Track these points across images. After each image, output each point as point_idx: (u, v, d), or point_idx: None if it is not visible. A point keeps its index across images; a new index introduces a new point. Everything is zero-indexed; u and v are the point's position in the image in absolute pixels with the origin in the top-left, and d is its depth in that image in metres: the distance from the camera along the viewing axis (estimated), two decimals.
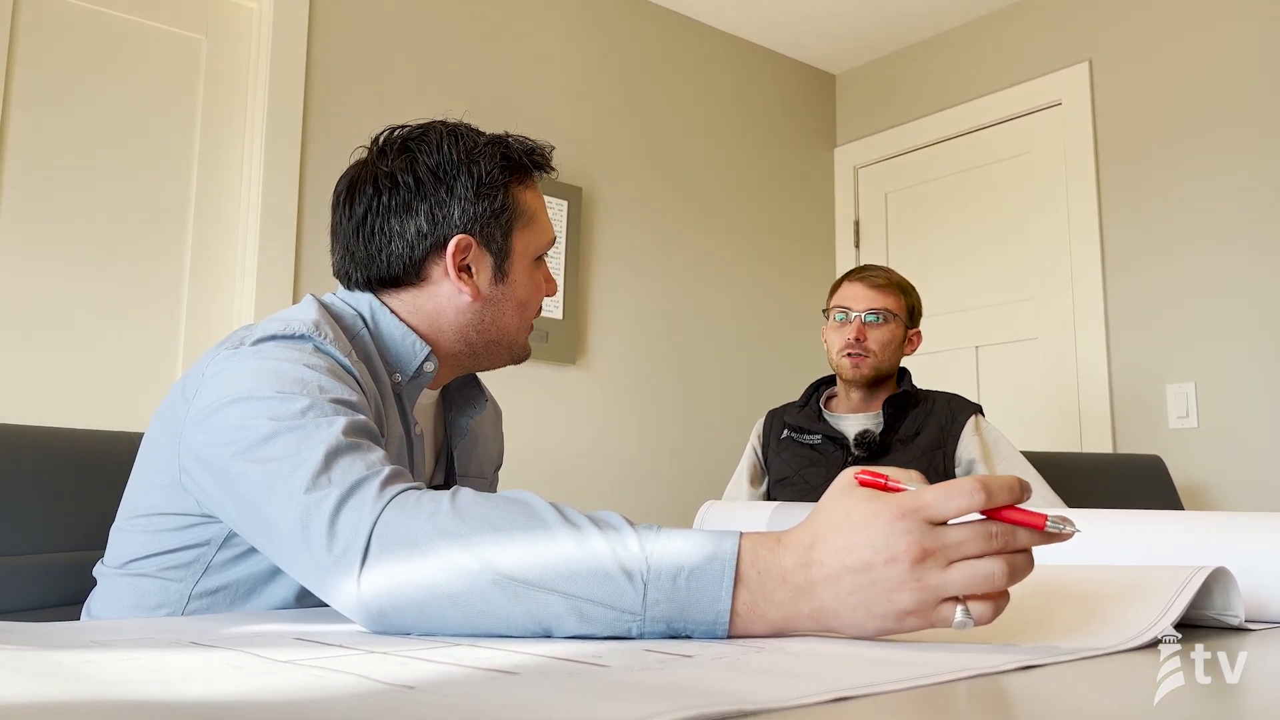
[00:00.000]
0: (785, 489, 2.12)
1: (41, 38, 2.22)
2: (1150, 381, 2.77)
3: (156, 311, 2.31)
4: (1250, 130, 2.65)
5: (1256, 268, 2.61)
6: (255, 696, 0.46)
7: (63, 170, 2.22)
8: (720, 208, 3.30)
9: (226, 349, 0.95)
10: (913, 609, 0.62)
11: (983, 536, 0.62)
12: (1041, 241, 3.07)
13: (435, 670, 0.53)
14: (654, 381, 3.06)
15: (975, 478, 0.62)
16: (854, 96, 3.66)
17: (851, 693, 0.46)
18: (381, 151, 1.09)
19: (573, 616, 0.66)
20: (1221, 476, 2.62)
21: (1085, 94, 2.98)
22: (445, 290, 1.08)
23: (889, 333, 2.09)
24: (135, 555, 0.98)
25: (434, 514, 0.72)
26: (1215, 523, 0.83)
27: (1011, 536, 0.62)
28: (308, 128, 2.49)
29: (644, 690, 0.47)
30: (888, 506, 0.63)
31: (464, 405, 1.21)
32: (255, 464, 0.81)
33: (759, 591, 0.65)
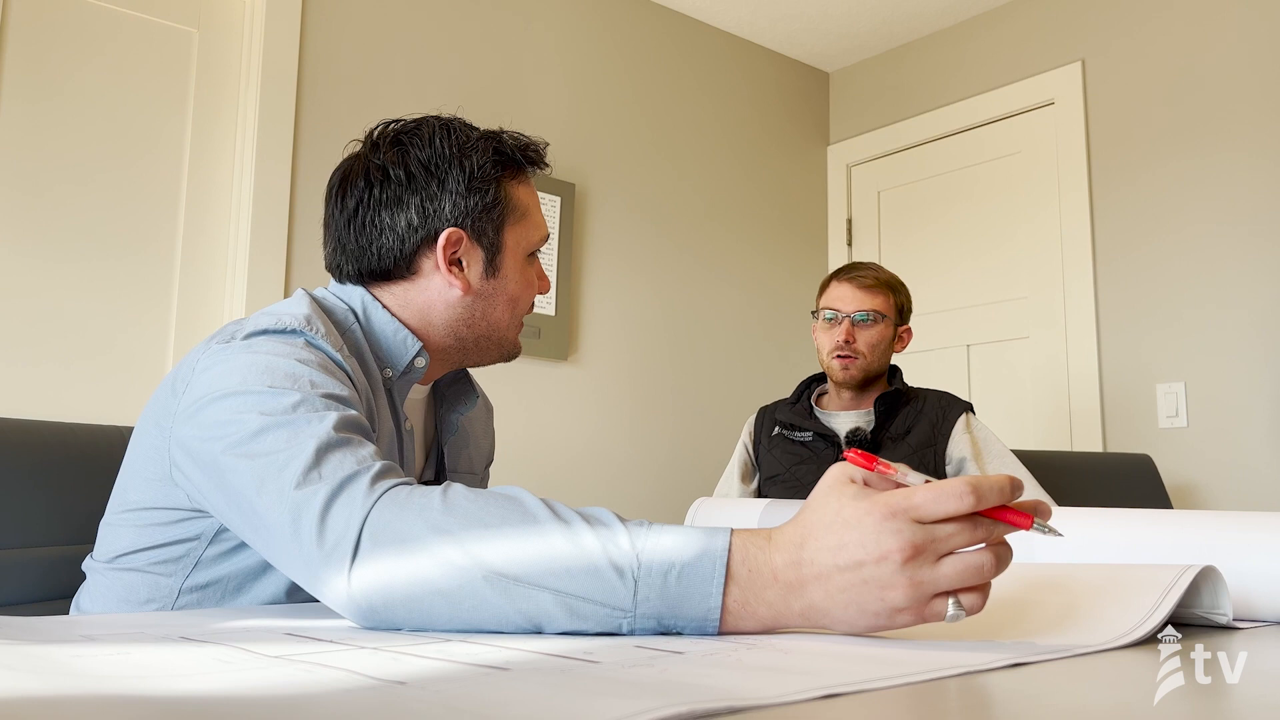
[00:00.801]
0: (776, 486, 2.12)
1: (32, 30, 2.20)
2: (1140, 381, 2.78)
3: (147, 304, 2.30)
4: (1242, 131, 2.66)
5: (1247, 268, 2.62)
6: (245, 692, 0.46)
7: (54, 163, 2.21)
8: (713, 205, 3.30)
9: (217, 343, 0.94)
10: (905, 606, 0.62)
11: (969, 528, 0.62)
12: (1033, 241, 3.08)
13: (426, 666, 0.53)
14: (646, 378, 3.06)
15: (965, 479, 0.62)
16: (847, 94, 3.66)
17: (842, 689, 0.46)
18: (374, 145, 1.09)
19: (563, 613, 0.66)
20: (1210, 476, 2.63)
21: (1078, 94, 2.99)
22: (436, 284, 1.08)
23: (879, 333, 2.09)
24: (124, 550, 0.98)
25: (425, 509, 0.72)
26: (1203, 521, 0.84)
27: (996, 526, 0.63)
28: (300, 121, 2.48)
29: (635, 687, 0.47)
30: (877, 505, 0.63)
31: (455, 401, 1.21)
32: (246, 459, 0.81)
33: (749, 589, 0.65)
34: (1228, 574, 0.71)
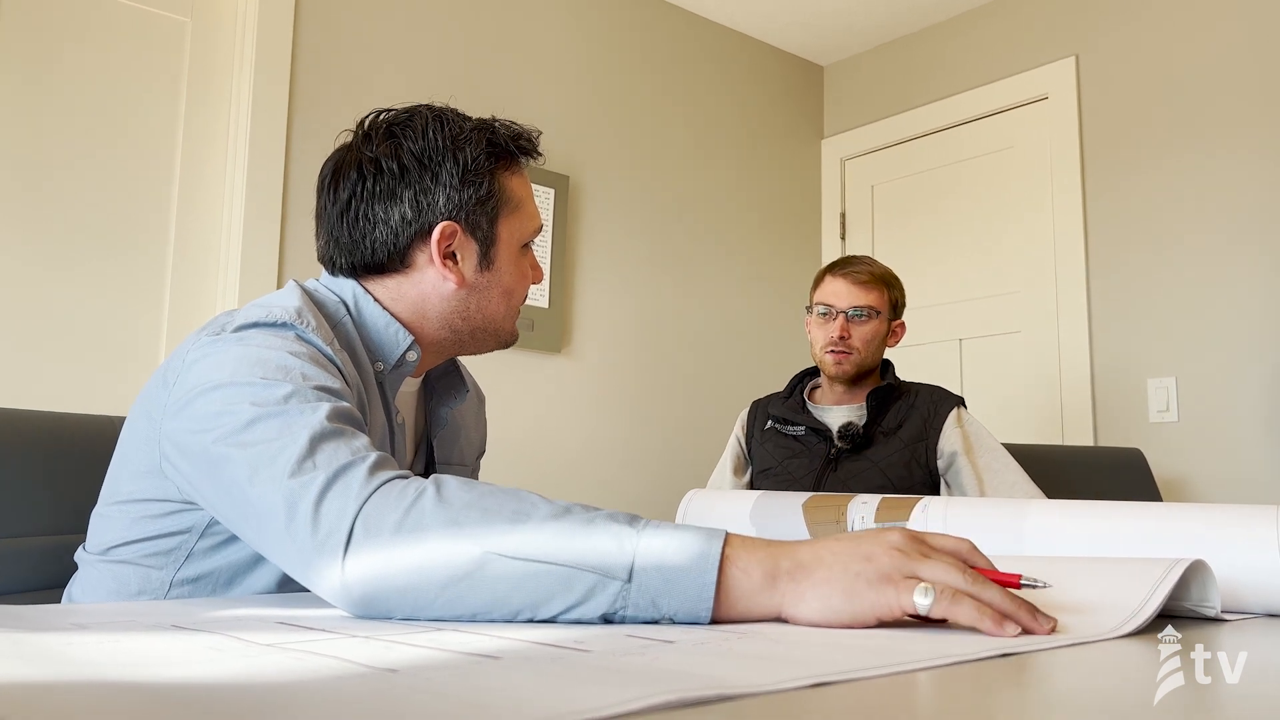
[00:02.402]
0: (768, 479, 2.12)
1: (25, 18, 2.19)
2: (1131, 375, 2.79)
3: (139, 295, 2.29)
4: (1236, 127, 2.67)
5: (1239, 264, 2.63)
6: (237, 679, 0.46)
7: (45, 152, 2.20)
8: (707, 197, 3.30)
9: (208, 335, 0.94)
10: (886, 571, 0.65)
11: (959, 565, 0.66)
12: (1026, 235, 3.08)
13: (418, 654, 0.53)
14: (639, 371, 3.06)
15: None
16: (842, 88, 3.66)
17: (831, 678, 0.46)
18: (366, 136, 1.08)
19: (559, 587, 0.67)
20: (1201, 470, 2.64)
21: (1071, 89, 3.00)
22: (430, 277, 1.08)
23: (872, 329, 2.09)
24: (116, 541, 0.98)
25: (418, 499, 0.73)
26: (1193, 515, 0.84)
27: (984, 583, 0.65)
28: (293, 111, 2.47)
29: (626, 675, 0.47)
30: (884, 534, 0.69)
31: (444, 395, 1.20)
32: (237, 449, 0.81)
33: (745, 550, 0.68)
34: (1215, 566, 0.72)
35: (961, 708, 0.44)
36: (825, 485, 2.03)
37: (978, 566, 0.67)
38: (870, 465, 2.02)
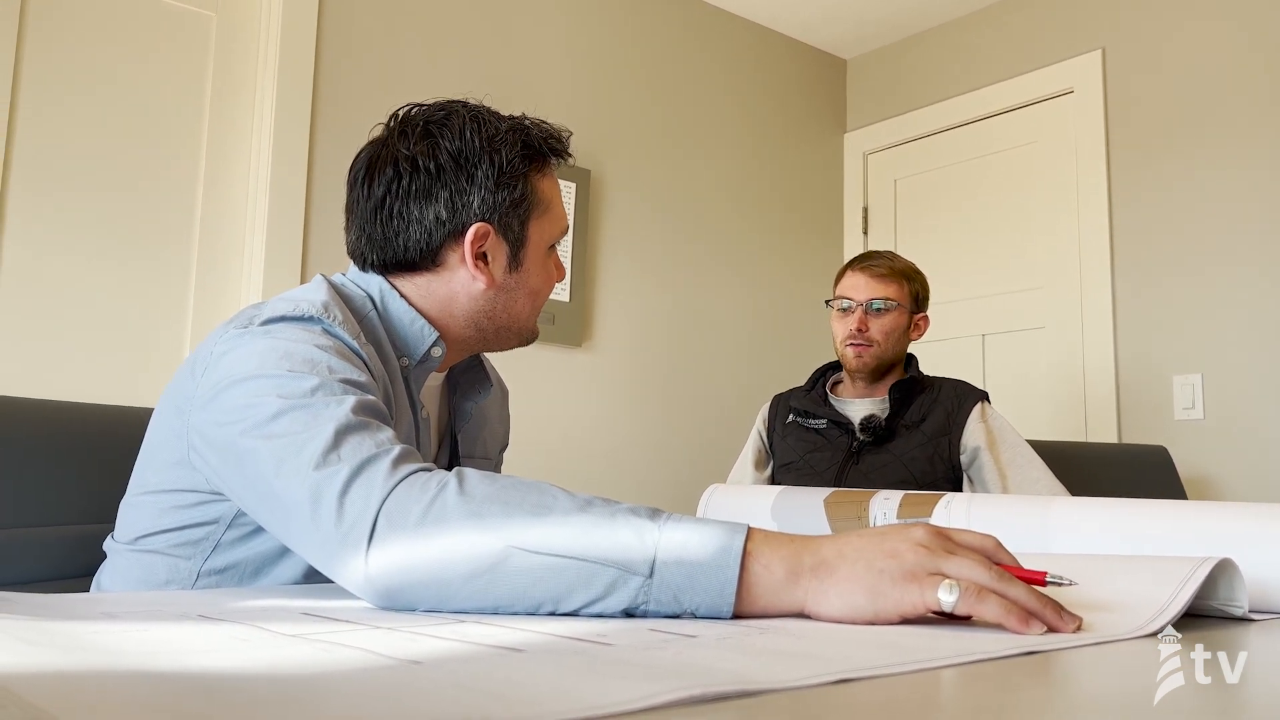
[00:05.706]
0: (790, 473, 2.12)
1: (51, 14, 2.21)
2: (1157, 372, 2.77)
3: (165, 289, 2.31)
4: (1264, 122, 2.63)
5: (1266, 260, 2.60)
6: (262, 669, 0.46)
7: (73, 149, 2.22)
8: (728, 192, 3.29)
9: (235, 328, 0.95)
10: (910, 568, 0.64)
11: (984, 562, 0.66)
12: (1050, 230, 3.06)
13: (442, 646, 0.54)
14: (660, 365, 3.06)
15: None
16: (865, 82, 3.64)
17: (854, 674, 0.46)
18: (402, 132, 1.07)
19: (581, 581, 0.67)
20: (1227, 468, 2.62)
21: (1097, 82, 2.97)
22: (460, 277, 1.08)
23: (892, 321, 2.09)
24: (145, 531, 0.99)
25: (441, 492, 0.73)
26: (1219, 513, 0.83)
27: (1010, 580, 0.64)
28: (317, 105, 2.48)
29: (648, 669, 0.48)
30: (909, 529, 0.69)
31: (468, 389, 1.21)
32: (264, 440, 0.81)
33: (769, 545, 0.68)
34: (1243, 565, 0.71)
35: (985, 706, 0.44)
36: (847, 479, 2.02)
37: (1003, 563, 0.67)
38: (893, 459, 2.01)
